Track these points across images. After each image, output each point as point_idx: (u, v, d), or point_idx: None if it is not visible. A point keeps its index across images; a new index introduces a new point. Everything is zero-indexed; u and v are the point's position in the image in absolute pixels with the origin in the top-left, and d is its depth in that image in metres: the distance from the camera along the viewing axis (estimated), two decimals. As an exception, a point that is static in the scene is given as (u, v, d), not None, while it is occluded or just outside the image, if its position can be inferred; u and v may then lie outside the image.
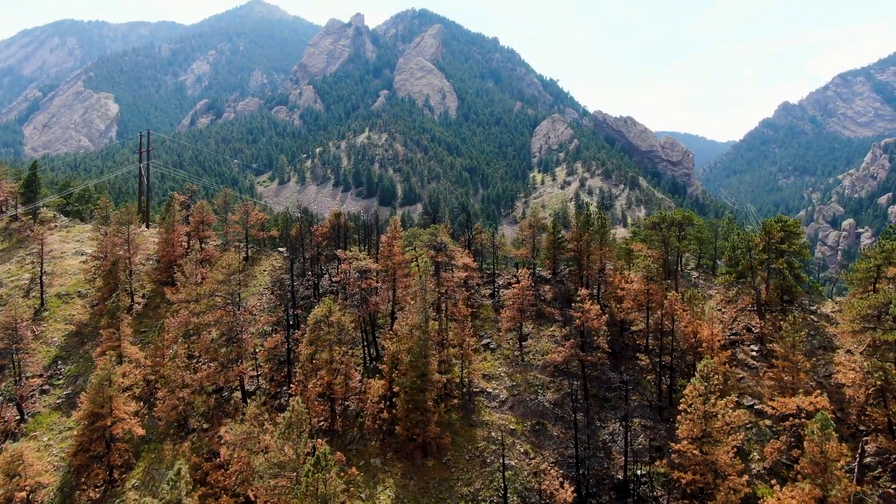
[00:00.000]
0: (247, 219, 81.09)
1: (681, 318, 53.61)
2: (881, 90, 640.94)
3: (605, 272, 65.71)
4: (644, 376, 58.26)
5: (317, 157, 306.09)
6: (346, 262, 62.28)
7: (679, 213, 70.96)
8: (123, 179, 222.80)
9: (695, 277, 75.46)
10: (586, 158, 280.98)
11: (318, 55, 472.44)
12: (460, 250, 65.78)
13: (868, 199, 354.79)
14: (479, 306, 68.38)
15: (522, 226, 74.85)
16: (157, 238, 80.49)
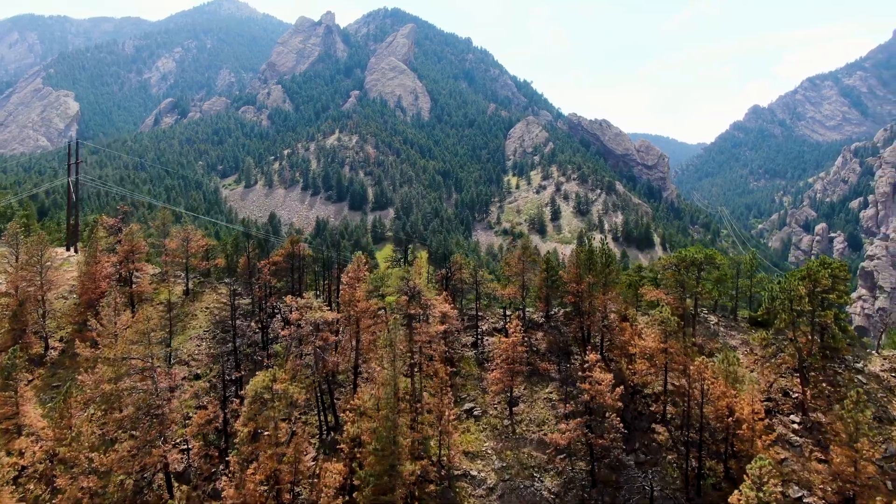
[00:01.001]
0: (187, 246, 70.17)
1: (712, 389, 45.31)
2: (848, 94, 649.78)
3: (610, 318, 57.18)
4: (664, 455, 48.84)
5: (285, 160, 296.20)
6: (299, 311, 51.51)
7: (698, 250, 62.03)
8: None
9: (713, 323, 66.46)
10: (562, 162, 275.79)
11: (288, 54, 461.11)
12: (438, 299, 56.13)
13: (840, 203, 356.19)
14: (460, 359, 59.41)
15: (510, 261, 66.87)
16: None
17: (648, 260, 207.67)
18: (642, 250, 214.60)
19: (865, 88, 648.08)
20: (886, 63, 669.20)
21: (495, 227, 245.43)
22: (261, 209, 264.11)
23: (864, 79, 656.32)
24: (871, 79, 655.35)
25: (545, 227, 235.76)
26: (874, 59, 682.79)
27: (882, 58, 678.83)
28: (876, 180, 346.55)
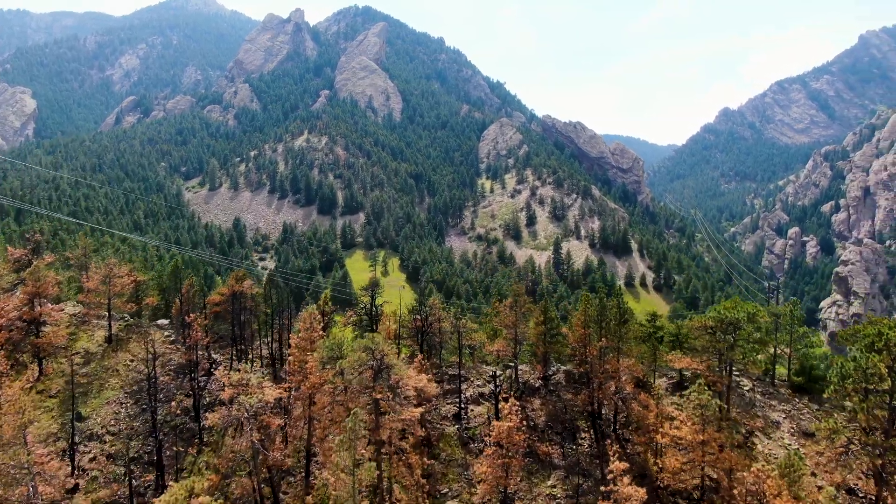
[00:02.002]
0: (110, 284, 58.74)
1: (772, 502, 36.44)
2: (816, 98, 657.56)
3: (625, 386, 48.13)
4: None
5: (251, 161, 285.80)
6: (232, 388, 40.82)
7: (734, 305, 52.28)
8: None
9: (748, 389, 57.61)
10: (537, 165, 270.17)
11: (256, 52, 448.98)
12: (412, 373, 45.24)
13: (812, 206, 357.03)
14: (439, 437, 50.09)
15: (501, 311, 59.16)
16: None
17: (626, 267, 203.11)
18: (619, 257, 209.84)
19: (833, 92, 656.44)
20: (852, 67, 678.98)
21: (469, 233, 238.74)
22: (226, 213, 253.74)
23: (832, 82, 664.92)
24: (838, 82, 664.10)
25: (520, 232, 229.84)
26: (841, 63, 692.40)
27: (848, 62, 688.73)
28: (847, 184, 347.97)
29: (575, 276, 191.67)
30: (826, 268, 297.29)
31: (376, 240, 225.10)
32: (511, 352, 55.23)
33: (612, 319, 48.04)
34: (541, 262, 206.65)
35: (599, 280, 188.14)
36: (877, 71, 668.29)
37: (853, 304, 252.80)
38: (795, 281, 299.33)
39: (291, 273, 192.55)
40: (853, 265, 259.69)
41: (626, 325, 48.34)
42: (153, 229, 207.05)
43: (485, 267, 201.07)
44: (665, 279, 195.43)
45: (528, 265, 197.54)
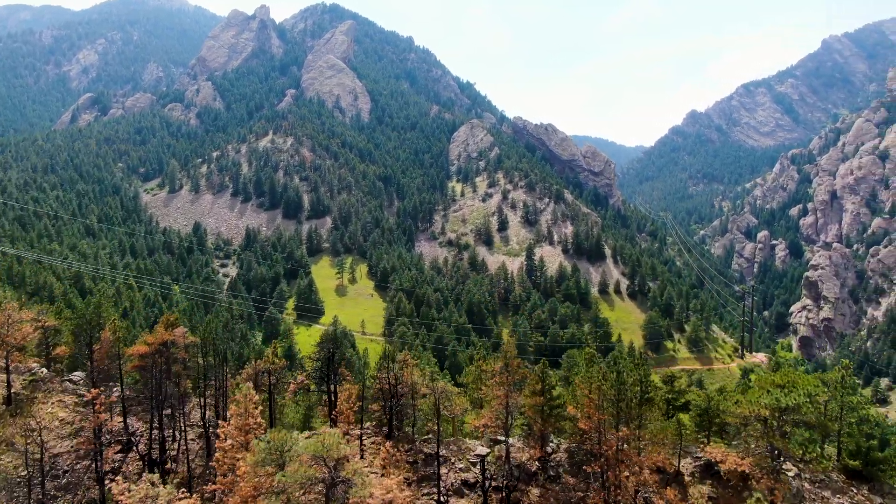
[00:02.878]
0: (6, 335, 47.79)
1: None
2: (781, 101, 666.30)
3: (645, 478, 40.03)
4: None
5: (214, 162, 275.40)
6: None
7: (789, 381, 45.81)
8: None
9: (793, 475, 48.94)
10: (508, 169, 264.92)
11: (219, 49, 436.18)
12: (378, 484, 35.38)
13: (780, 210, 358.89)
14: None
15: (486, 376, 52.34)
16: None
17: (600, 274, 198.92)
18: (593, 263, 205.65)
19: (797, 96, 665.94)
20: (816, 72, 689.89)
21: (440, 238, 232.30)
22: (186, 217, 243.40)
23: (796, 86, 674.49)
24: (802, 86, 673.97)
25: (492, 238, 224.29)
26: (804, 67, 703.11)
27: (812, 66, 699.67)
28: (814, 188, 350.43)
29: (548, 283, 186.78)
30: (795, 271, 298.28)
31: (343, 245, 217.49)
32: (501, 428, 47.83)
33: (632, 398, 41.46)
34: (513, 268, 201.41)
35: (573, 287, 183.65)
36: (839, 76, 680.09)
37: (823, 309, 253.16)
38: (765, 285, 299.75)
39: (254, 281, 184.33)
40: (823, 270, 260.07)
41: (649, 403, 41.67)
42: (107, 235, 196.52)
43: (456, 274, 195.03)
44: (639, 286, 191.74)
45: (501, 272, 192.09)
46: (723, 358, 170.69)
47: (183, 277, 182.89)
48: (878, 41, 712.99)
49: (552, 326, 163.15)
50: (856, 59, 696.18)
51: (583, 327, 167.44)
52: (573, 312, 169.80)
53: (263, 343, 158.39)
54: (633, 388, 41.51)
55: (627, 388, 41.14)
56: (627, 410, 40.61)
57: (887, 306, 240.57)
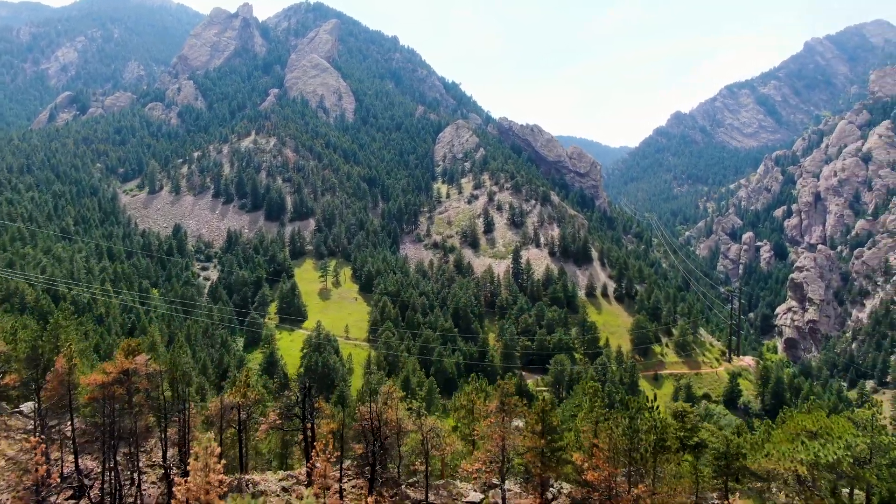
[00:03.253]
0: None
1: None
2: (763, 102, 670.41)
3: None
4: None
5: (195, 163, 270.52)
6: None
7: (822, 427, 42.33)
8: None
9: None
10: (494, 170, 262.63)
11: (201, 47, 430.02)
12: None
13: (764, 211, 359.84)
14: None
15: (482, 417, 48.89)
16: None
17: (587, 277, 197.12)
18: (580, 266, 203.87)
19: (780, 97, 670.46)
20: (798, 73, 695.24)
21: (425, 240, 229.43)
22: (166, 219, 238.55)
23: (779, 88, 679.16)
24: (785, 88, 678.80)
25: (478, 240, 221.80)
26: (787, 68, 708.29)
27: (794, 68, 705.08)
28: (798, 190, 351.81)
29: (535, 286, 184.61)
30: (780, 273, 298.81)
31: (327, 248, 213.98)
32: (496, 467, 44.86)
33: (646, 449, 37.95)
34: (499, 271, 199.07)
35: (560, 291, 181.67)
36: (821, 77, 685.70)
37: (808, 311, 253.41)
38: (750, 286, 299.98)
39: (236, 284, 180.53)
40: (808, 272, 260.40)
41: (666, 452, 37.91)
42: (84, 237, 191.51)
43: (441, 277, 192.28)
44: (627, 289, 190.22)
45: (487, 275, 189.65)
46: (710, 362, 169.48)
47: (162, 281, 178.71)
48: (858, 44, 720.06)
49: (539, 331, 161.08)
50: (837, 62, 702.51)
51: (570, 332, 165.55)
52: (560, 316, 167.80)
53: (245, 349, 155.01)
54: (648, 436, 37.80)
55: (641, 437, 37.60)
56: (642, 462, 37.15)
57: (871, 308, 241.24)
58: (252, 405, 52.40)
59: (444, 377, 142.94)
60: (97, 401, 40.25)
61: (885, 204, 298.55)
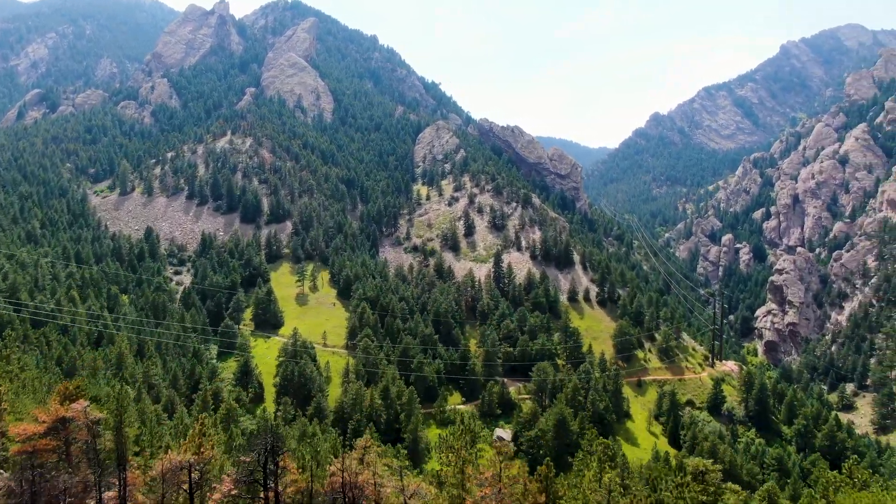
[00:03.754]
0: None
1: None
2: (741, 105, 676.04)
3: None
4: None
5: (168, 163, 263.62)
6: None
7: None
8: None
9: None
10: (475, 172, 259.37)
11: (176, 44, 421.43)
12: None
13: (743, 213, 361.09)
14: None
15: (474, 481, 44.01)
16: None
17: (569, 281, 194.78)
18: (562, 270, 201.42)
19: (756, 99, 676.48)
20: (774, 76, 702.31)
21: (405, 244, 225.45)
22: (137, 221, 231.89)
23: (755, 90, 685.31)
24: (762, 90, 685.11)
25: (458, 243, 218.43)
26: (764, 71, 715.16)
27: (771, 70, 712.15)
28: (777, 192, 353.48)
29: (517, 291, 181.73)
30: (759, 275, 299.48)
31: (304, 251, 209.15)
32: None
33: None
34: (480, 275, 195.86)
35: (542, 296, 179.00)
36: (797, 80, 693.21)
37: (788, 314, 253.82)
38: (730, 288, 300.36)
39: (210, 290, 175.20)
40: (787, 274, 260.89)
41: None
42: (50, 241, 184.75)
43: (421, 282, 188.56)
44: (609, 294, 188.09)
45: (468, 280, 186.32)
46: (694, 367, 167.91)
47: (133, 287, 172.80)
48: (833, 47, 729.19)
49: (521, 337, 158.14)
50: (812, 64, 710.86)
51: (553, 338, 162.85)
52: (543, 322, 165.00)
53: (218, 358, 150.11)
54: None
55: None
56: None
57: (850, 311, 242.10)
58: (206, 463, 43.26)
59: (424, 385, 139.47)
60: (28, 454, 35.43)
61: (862, 206, 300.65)
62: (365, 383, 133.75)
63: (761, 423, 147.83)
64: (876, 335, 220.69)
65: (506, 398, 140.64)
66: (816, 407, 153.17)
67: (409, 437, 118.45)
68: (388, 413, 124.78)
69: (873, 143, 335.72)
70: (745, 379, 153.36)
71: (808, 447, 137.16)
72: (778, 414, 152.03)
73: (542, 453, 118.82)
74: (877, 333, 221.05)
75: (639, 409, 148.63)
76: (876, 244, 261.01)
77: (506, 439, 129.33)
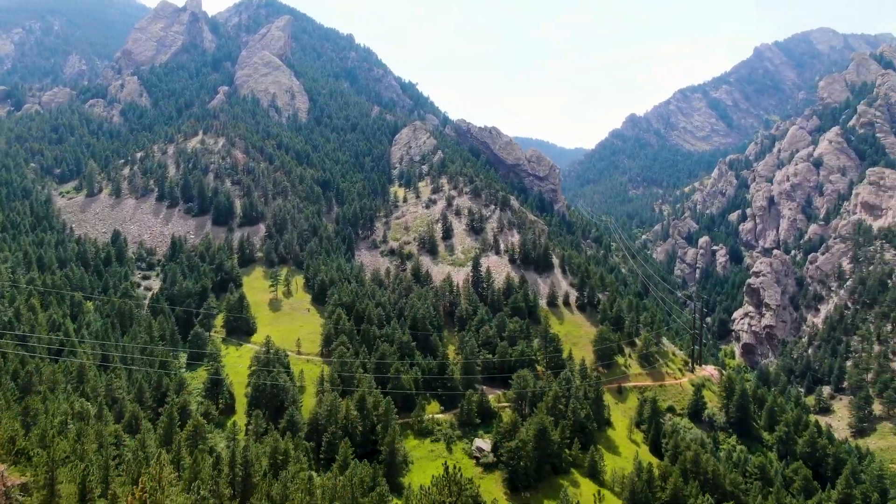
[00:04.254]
0: None
1: None
2: (715, 107, 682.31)
3: None
4: None
5: (137, 164, 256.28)
6: None
7: None
8: None
9: None
10: (452, 173, 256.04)
11: (147, 41, 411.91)
12: None
13: (720, 215, 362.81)
14: None
15: None
16: None
17: (549, 285, 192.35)
18: (541, 274, 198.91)
19: (731, 102, 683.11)
20: (748, 78, 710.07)
21: (381, 247, 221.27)
22: (105, 224, 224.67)
23: (730, 92, 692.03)
24: (736, 92, 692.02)
25: (436, 246, 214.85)
26: (738, 73, 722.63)
27: (744, 73, 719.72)
28: (752, 194, 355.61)
29: (496, 295, 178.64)
30: (736, 277, 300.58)
31: (278, 255, 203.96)
32: None
33: None
34: (459, 279, 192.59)
35: (521, 300, 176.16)
36: (770, 83, 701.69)
37: (765, 316, 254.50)
38: (707, 291, 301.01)
39: (179, 295, 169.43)
40: (764, 277, 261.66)
41: None
42: (11, 245, 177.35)
43: (398, 286, 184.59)
44: (589, 298, 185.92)
45: (446, 284, 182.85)
46: (674, 372, 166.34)
47: (98, 293, 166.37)
48: (805, 50, 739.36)
49: (501, 343, 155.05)
50: (785, 67, 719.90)
51: (532, 343, 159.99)
52: (522, 328, 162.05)
53: (187, 367, 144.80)
54: None
55: None
56: None
57: (826, 313, 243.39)
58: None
59: (401, 394, 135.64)
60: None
61: (836, 209, 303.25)
62: (340, 393, 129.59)
63: (742, 430, 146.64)
64: (852, 337, 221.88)
65: (485, 407, 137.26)
66: (797, 413, 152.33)
67: (385, 450, 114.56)
68: (364, 424, 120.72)
69: (846, 145, 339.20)
70: (725, 385, 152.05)
71: (789, 454, 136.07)
72: (759, 420, 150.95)
73: (522, 465, 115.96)
74: (852, 336, 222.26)
75: (619, 416, 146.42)
76: (850, 246, 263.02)
77: (485, 450, 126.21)
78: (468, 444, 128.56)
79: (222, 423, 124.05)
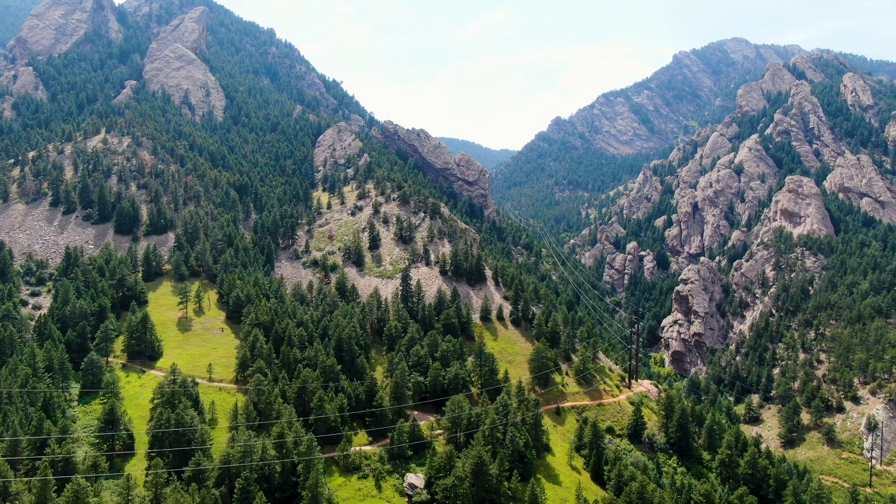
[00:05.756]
0: None
1: None
2: (637, 111, 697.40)
3: None
4: None
5: (29, 164, 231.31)
6: None
7: None
8: None
9: None
10: (379, 178, 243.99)
11: (44, 29, 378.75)
12: None
13: (646, 220, 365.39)
14: None
15: None
16: None
17: (482, 298, 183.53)
18: (473, 286, 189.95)
19: (652, 107, 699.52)
20: (668, 84, 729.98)
21: (303, 258, 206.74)
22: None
23: (651, 97, 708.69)
24: (657, 98, 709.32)
25: (363, 257, 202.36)
26: (658, 79, 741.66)
27: (665, 79, 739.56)
28: (677, 200, 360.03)
29: (426, 311, 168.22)
30: (663, 283, 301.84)
31: (189, 268, 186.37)
32: None
33: None
34: (387, 293, 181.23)
35: (454, 316, 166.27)
36: (688, 89, 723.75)
37: (693, 324, 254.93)
38: (636, 297, 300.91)
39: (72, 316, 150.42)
40: (692, 284, 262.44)
41: None
42: None
43: (322, 302, 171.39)
44: (523, 312, 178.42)
45: (373, 299, 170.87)
46: (612, 390, 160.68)
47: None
48: (720, 59, 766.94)
49: (433, 364, 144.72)
50: (702, 75, 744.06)
51: (466, 363, 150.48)
52: (456, 347, 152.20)
53: (80, 399, 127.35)
54: None
55: None
56: None
57: (752, 320, 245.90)
58: None
59: (326, 425, 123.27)
60: None
61: (757, 215, 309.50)
62: (256, 427, 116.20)
63: (682, 450, 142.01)
64: (777, 345, 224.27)
65: (417, 435, 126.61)
66: (735, 430, 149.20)
67: (307, 494, 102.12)
68: (283, 465, 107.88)
69: (765, 153, 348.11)
70: (665, 403, 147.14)
71: (731, 477, 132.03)
72: (698, 438, 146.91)
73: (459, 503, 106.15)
74: (778, 343, 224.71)
75: (558, 439, 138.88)
76: (773, 253, 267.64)
77: (418, 486, 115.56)
78: (399, 479, 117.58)
79: (119, 467, 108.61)
